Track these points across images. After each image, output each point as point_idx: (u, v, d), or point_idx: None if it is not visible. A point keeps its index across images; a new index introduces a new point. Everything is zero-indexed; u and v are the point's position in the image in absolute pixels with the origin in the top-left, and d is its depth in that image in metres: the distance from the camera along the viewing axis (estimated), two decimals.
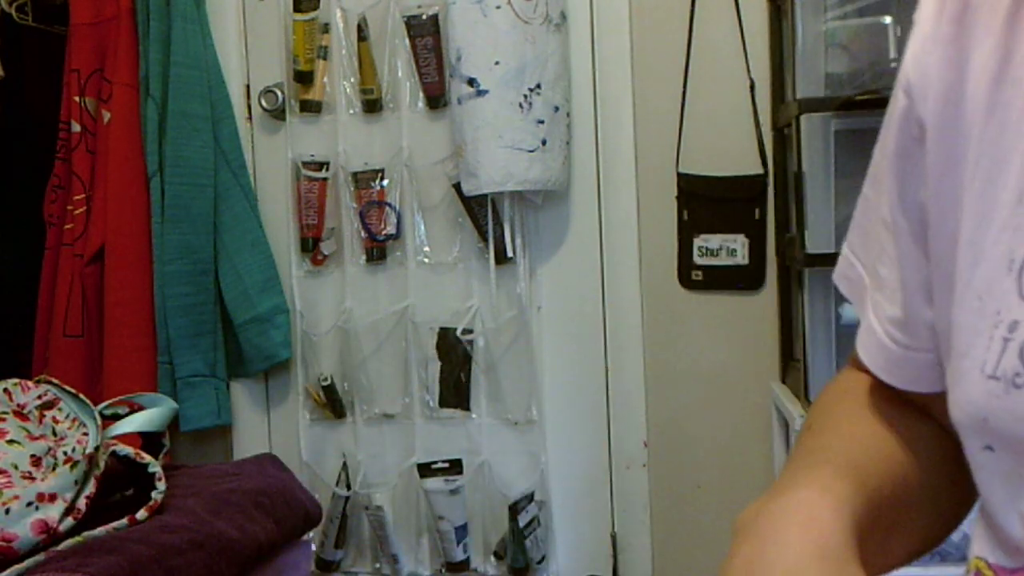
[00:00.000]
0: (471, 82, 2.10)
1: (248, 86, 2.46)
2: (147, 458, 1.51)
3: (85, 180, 2.35)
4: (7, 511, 1.30)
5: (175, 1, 2.31)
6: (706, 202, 2.24)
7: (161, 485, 1.47)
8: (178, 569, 1.35)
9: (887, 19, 1.81)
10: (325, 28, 2.36)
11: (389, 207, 2.35)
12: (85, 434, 1.48)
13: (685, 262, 2.26)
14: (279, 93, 2.42)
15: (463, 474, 2.31)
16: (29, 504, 1.32)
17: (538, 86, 2.11)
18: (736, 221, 2.23)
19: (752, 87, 2.19)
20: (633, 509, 2.33)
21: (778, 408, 2.05)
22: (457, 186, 2.25)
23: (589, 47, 2.27)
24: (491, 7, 2.08)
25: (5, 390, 1.53)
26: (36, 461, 1.40)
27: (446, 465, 2.31)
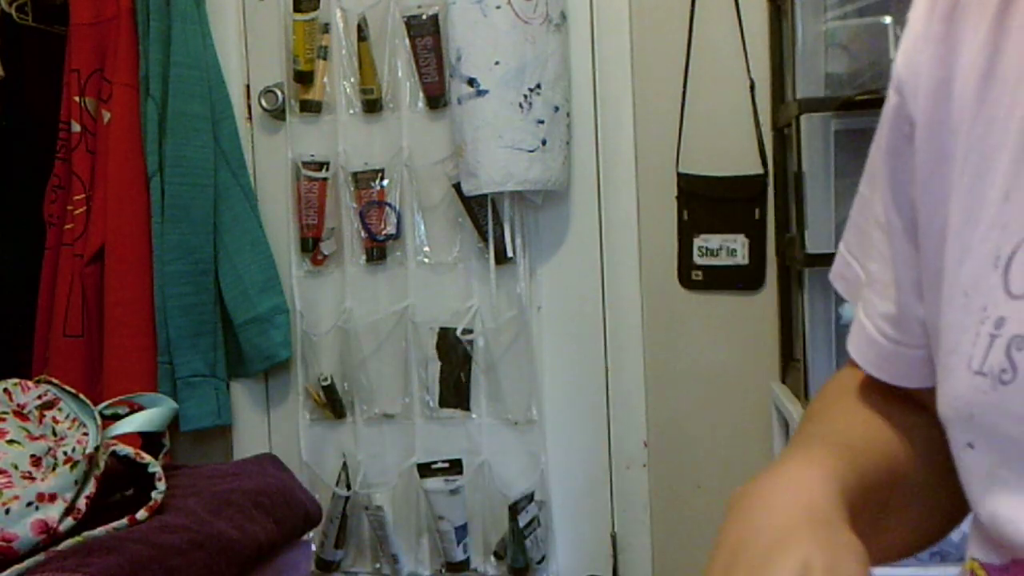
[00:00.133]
0: (471, 82, 2.10)
1: (248, 86, 2.46)
2: (147, 458, 1.51)
3: (85, 180, 2.35)
4: (7, 511, 1.30)
5: (175, 1, 2.31)
6: (706, 202, 2.24)
7: (161, 485, 1.47)
8: (178, 569, 1.35)
9: (887, 19, 1.81)
10: (325, 28, 2.36)
11: (389, 207, 2.35)
12: (85, 434, 1.48)
13: (685, 262, 2.26)
14: (279, 93, 2.42)
15: (463, 474, 2.31)
16: (29, 504, 1.32)
17: (538, 86, 2.11)
18: (736, 221, 2.23)
19: (752, 87, 2.19)
20: (633, 509, 2.33)
21: (778, 408, 2.05)
22: (457, 186, 2.25)
23: (589, 47, 2.27)
24: (491, 7, 2.08)
25: (5, 390, 1.53)
26: (36, 461, 1.40)
27: (446, 465, 2.31)
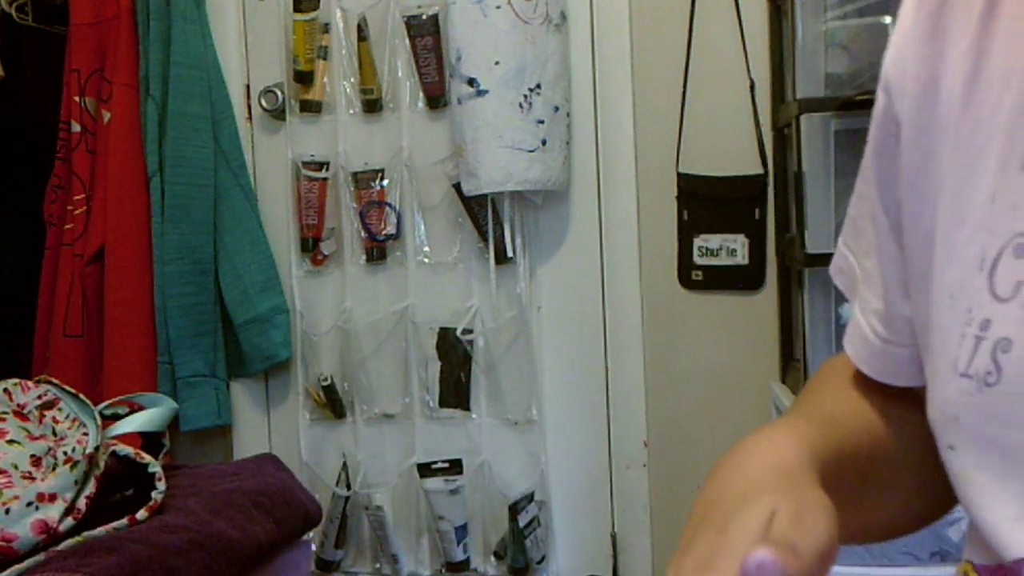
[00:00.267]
0: (471, 82, 2.10)
1: (248, 86, 2.46)
2: (147, 458, 1.51)
3: (85, 180, 2.35)
4: (7, 511, 1.30)
5: (175, 1, 2.31)
6: (706, 202, 2.24)
7: (161, 485, 1.47)
8: (178, 569, 1.35)
9: (887, 19, 1.81)
10: (325, 28, 2.36)
11: (389, 207, 2.35)
12: (85, 434, 1.48)
13: (685, 262, 2.26)
14: (279, 93, 2.42)
15: (463, 474, 2.31)
16: (29, 504, 1.32)
17: (538, 86, 2.11)
18: (736, 221, 2.23)
19: (752, 87, 2.19)
20: (633, 509, 2.33)
21: (778, 408, 2.05)
22: (457, 186, 2.25)
23: (589, 47, 2.27)
24: (491, 7, 2.08)
25: (5, 390, 1.53)
26: (36, 461, 1.40)
27: (446, 465, 2.31)
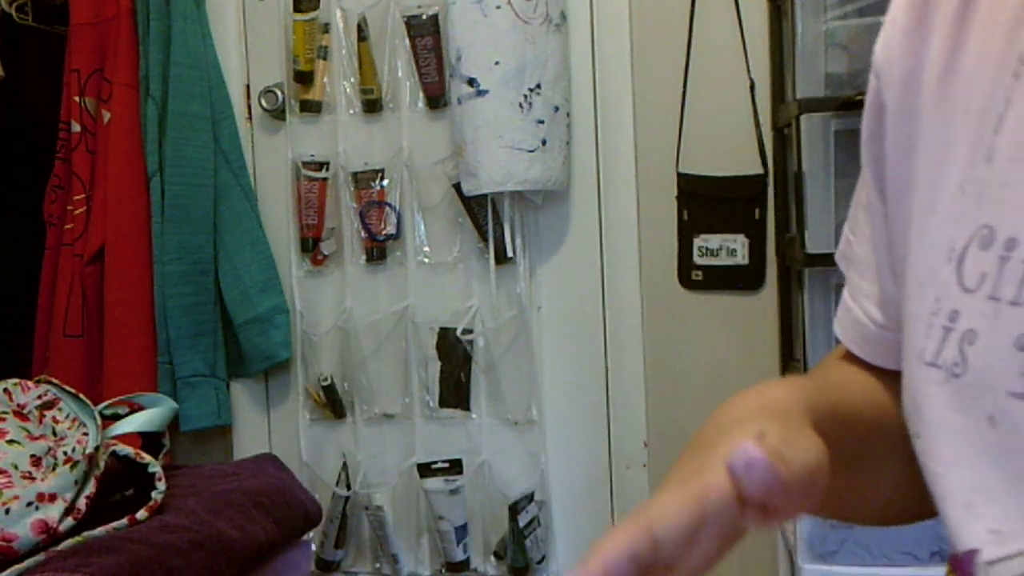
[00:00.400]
0: (471, 82, 2.10)
1: (248, 86, 2.46)
2: (147, 458, 1.51)
3: (85, 180, 2.35)
4: (7, 511, 1.30)
5: (175, 1, 2.31)
6: (706, 202, 2.24)
7: (161, 485, 1.47)
8: (178, 569, 1.35)
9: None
10: (325, 28, 2.36)
11: (389, 207, 2.35)
12: (85, 434, 1.48)
13: (685, 262, 2.26)
14: (279, 93, 2.42)
15: (463, 474, 2.31)
16: (29, 504, 1.32)
17: (538, 86, 2.11)
18: (736, 221, 2.23)
19: (752, 87, 2.19)
20: (633, 509, 2.32)
21: None
22: (457, 186, 2.25)
23: (589, 47, 2.27)
24: (491, 7, 2.08)
25: (5, 390, 1.53)
26: (36, 461, 1.40)
27: (446, 465, 2.31)
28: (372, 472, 2.41)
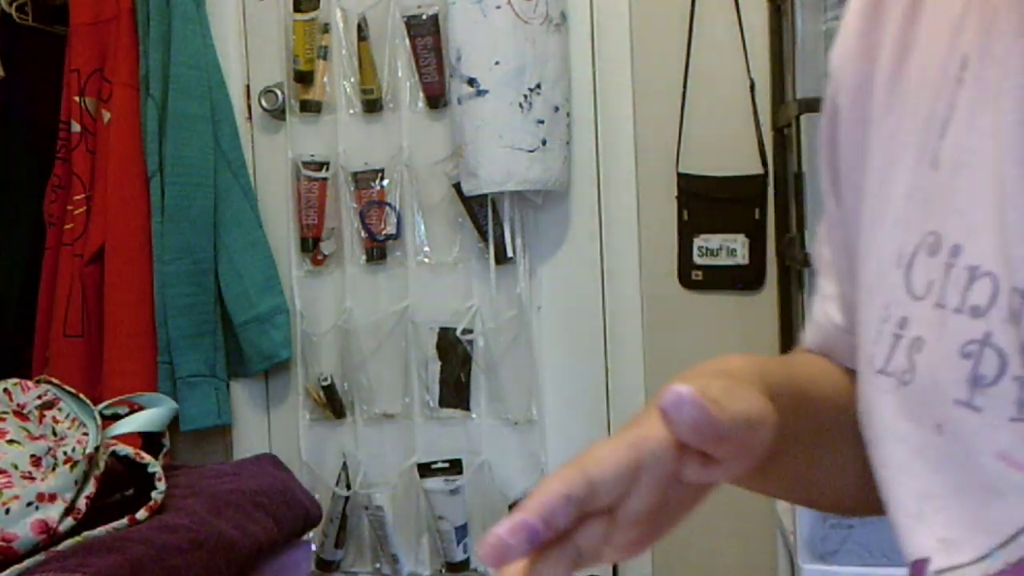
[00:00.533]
0: (471, 82, 2.10)
1: (248, 86, 2.46)
2: (147, 458, 1.51)
3: (85, 180, 2.35)
4: (7, 511, 1.30)
5: (175, 1, 2.31)
6: (706, 202, 2.24)
7: (161, 485, 1.47)
8: (178, 569, 1.35)
9: None
10: (325, 28, 2.36)
11: (389, 207, 2.35)
12: (85, 434, 1.48)
13: (685, 262, 2.26)
14: (279, 93, 2.42)
15: (463, 474, 2.31)
16: (29, 504, 1.32)
17: (538, 86, 2.11)
18: (736, 221, 2.23)
19: (752, 87, 2.19)
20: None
21: None
22: (457, 186, 2.25)
23: (589, 47, 2.27)
24: (491, 7, 2.08)
25: (5, 390, 1.53)
26: (36, 461, 1.40)
27: (446, 465, 2.31)
28: (372, 472, 2.41)
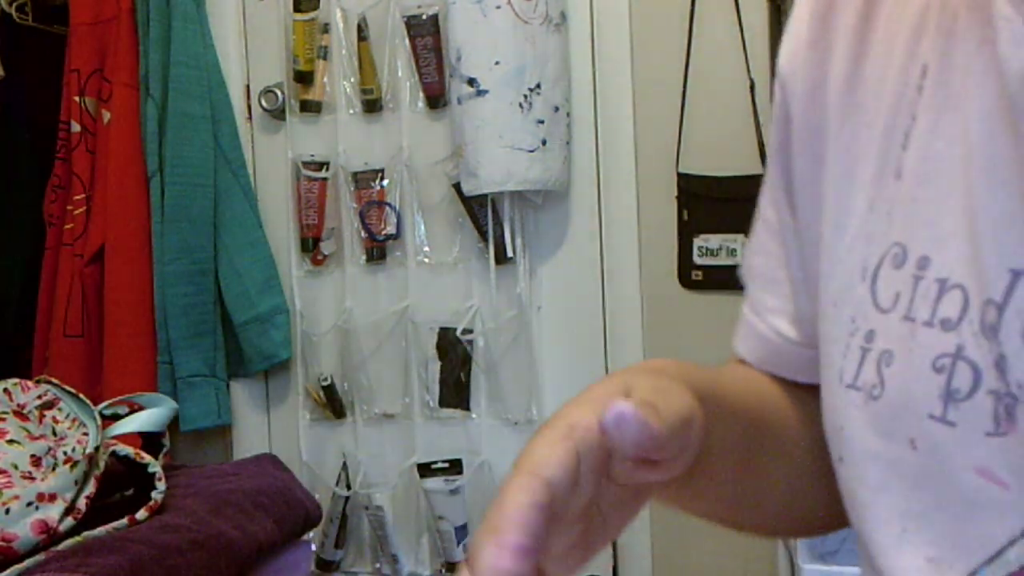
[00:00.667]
0: (471, 82, 2.10)
1: (248, 86, 2.46)
2: (147, 458, 1.51)
3: (85, 180, 2.35)
4: (7, 511, 1.30)
5: (175, 1, 2.31)
6: (706, 202, 2.24)
7: (161, 485, 1.47)
8: (178, 569, 1.35)
9: None
10: (325, 28, 2.36)
11: (389, 207, 2.35)
12: (85, 434, 1.48)
13: (685, 262, 2.26)
14: (279, 93, 2.42)
15: (463, 474, 2.31)
16: (29, 504, 1.32)
17: (538, 86, 2.11)
18: (736, 221, 2.23)
19: (752, 87, 2.19)
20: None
21: None
22: (457, 186, 2.25)
23: (589, 47, 2.27)
24: (491, 7, 2.08)
25: (5, 390, 1.53)
26: (36, 461, 1.40)
27: (446, 465, 2.31)
28: (372, 472, 2.41)
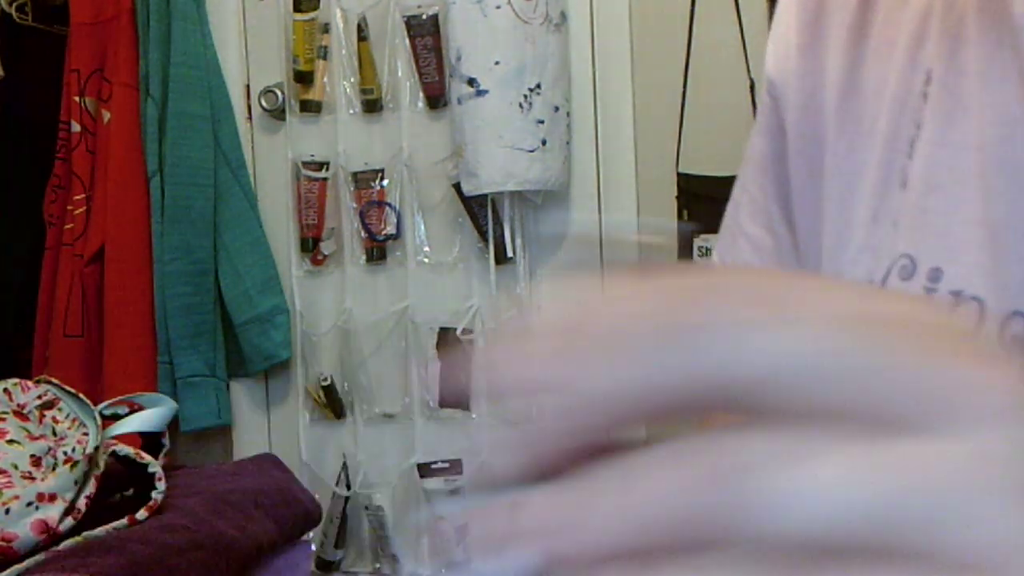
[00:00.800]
0: (471, 82, 2.10)
1: (248, 86, 2.46)
2: (147, 458, 1.51)
3: (85, 180, 2.35)
4: (7, 511, 1.30)
5: (175, 1, 2.31)
6: (706, 202, 2.24)
7: (161, 485, 1.47)
8: (178, 569, 1.35)
9: None
10: (325, 28, 2.36)
11: (389, 207, 2.35)
12: (85, 434, 1.48)
13: (685, 262, 2.26)
14: (279, 93, 2.42)
15: (463, 474, 2.31)
16: (29, 504, 1.32)
17: (538, 86, 2.11)
18: None
19: (752, 87, 2.19)
20: None
21: None
22: (457, 186, 2.25)
23: (589, 47, 2.27)
24: (491, 7, 2.08)
25: (5, 390, 1.53)
26: (36, 461, 1.40)
27: (446, 465, 2.31)
28: (372, 472, 2.41)
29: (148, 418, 1.63)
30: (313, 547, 2.30)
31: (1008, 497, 0.20)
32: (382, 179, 2.36)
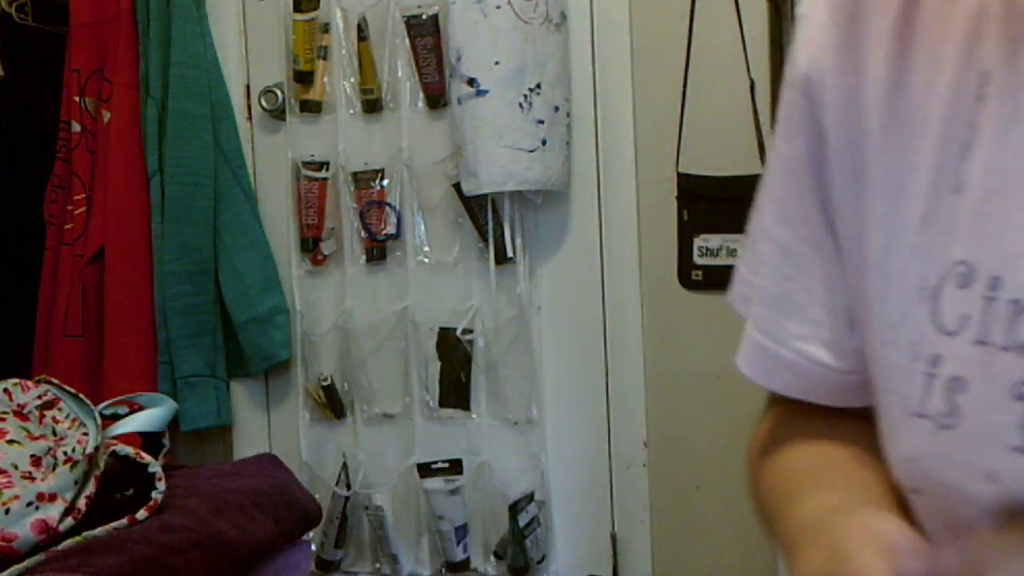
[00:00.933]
0: (471, 82, 2.10)
1: (248, 86, 2.46)
2: (147, 458, 1.51)
3: (85, 180, 2.35)
4: (7, 511, 1.30)
5: (175, 1, 2.31)
6: (706, 202, 2.24)
7: (161, 485, 1.47)
8: (178, 569, 1.35)
9: None
10: (325, 28, 2.36)
11: (389, 207, 2.35)
12: (85, 434, 1.48)
13: (685, 262, 2.26)
14: (279, 93, 2.42)
15: (463, 474, 2.31)
16: (29, 504, 1.32)
17: (538, 86, 2.11)
18: (736, 221, 2.22)
19: (752, 87, 2.19)
20: (633, 509, 2.32)
21: None
22: (457, 186, 2.25)
23: (589, 47, 2.27)
24: (491, 7, 2.08)
25: (5, 390, 1.53)
26: (36, 461, 1.40)
27: (446, 465, 2.31)
28: (372, 472, 2.41)
29: (148, 418, 1.64)
30: (313, 547, 2.30)
31: None
32: (382, 179, 2.36)
